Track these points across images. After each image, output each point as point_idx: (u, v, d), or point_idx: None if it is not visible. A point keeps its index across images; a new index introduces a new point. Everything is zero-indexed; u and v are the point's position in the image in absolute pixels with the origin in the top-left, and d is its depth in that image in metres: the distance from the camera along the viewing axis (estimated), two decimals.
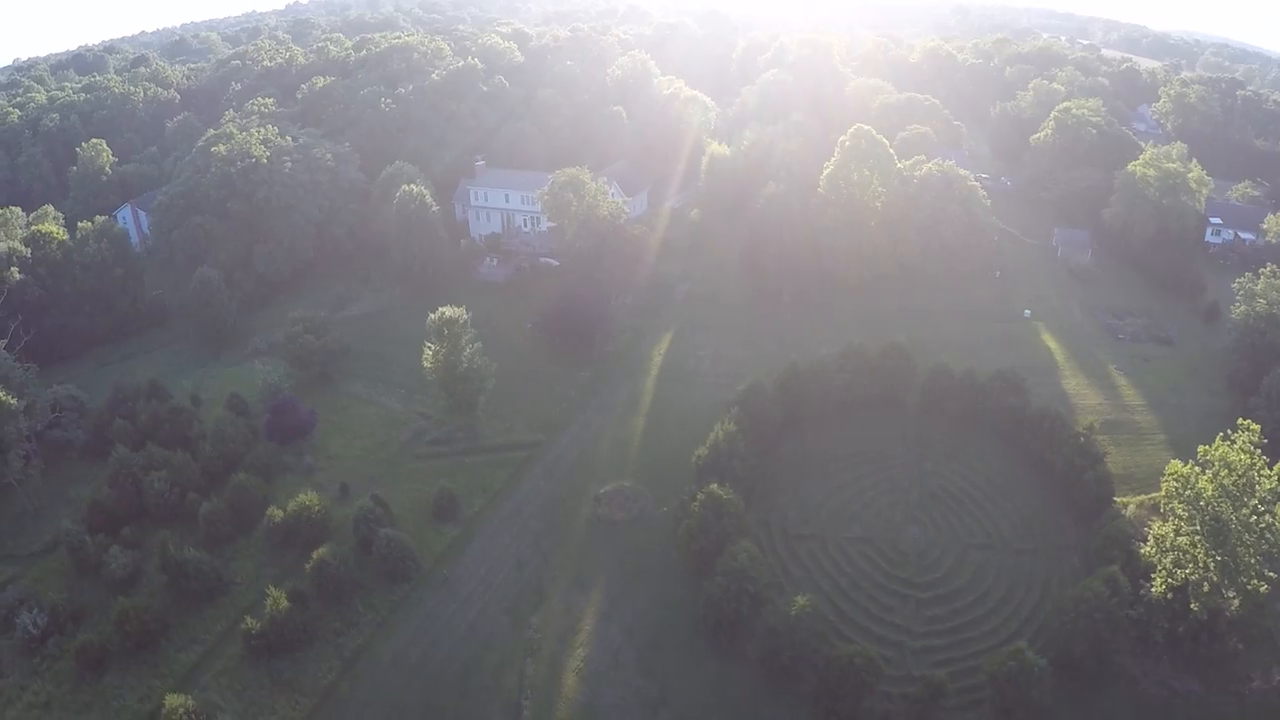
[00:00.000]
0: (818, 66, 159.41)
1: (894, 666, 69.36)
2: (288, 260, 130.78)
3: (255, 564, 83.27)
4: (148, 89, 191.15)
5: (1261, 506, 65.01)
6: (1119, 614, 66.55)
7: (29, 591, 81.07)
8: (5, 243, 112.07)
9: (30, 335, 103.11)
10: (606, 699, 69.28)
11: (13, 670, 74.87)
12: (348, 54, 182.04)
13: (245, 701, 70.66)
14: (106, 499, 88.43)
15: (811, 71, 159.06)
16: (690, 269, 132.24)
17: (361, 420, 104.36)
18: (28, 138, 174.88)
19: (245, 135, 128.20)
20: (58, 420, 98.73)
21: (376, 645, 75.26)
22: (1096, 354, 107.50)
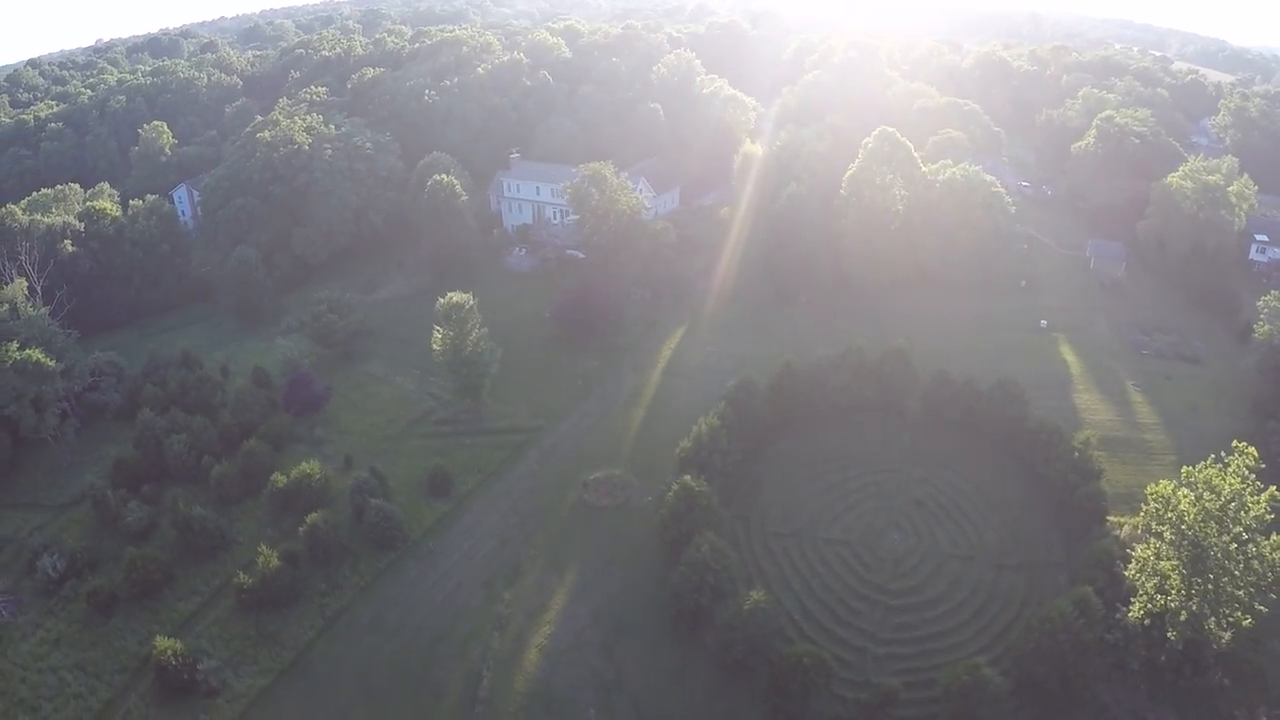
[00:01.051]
0: (863, 69, 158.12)
1: (853, 671, 69.34)
2: (325, 243, 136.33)
3: (257, 525, 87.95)
4: (211, 75, 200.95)
5: (1245, 534, 61.67)
6: (1086, 637, 64.19)
7: (53, 538, 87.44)
8: (61, 217, 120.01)
9: (74, 303, 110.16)
10: (564, 677, 71.25)
11: (31, 608, 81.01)
12: (403, 46, 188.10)
13: (231, 650, 75.02)
14: (130, 458, 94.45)
15: (856, 74, 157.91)
16: (712, 266, 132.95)
17: (375, 398, 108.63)
18: (95, 118, 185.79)
19: (290, 122, 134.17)
20: (96, 384, 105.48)
21: (358, 608, 78.88)
22: (1115, 369, 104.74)
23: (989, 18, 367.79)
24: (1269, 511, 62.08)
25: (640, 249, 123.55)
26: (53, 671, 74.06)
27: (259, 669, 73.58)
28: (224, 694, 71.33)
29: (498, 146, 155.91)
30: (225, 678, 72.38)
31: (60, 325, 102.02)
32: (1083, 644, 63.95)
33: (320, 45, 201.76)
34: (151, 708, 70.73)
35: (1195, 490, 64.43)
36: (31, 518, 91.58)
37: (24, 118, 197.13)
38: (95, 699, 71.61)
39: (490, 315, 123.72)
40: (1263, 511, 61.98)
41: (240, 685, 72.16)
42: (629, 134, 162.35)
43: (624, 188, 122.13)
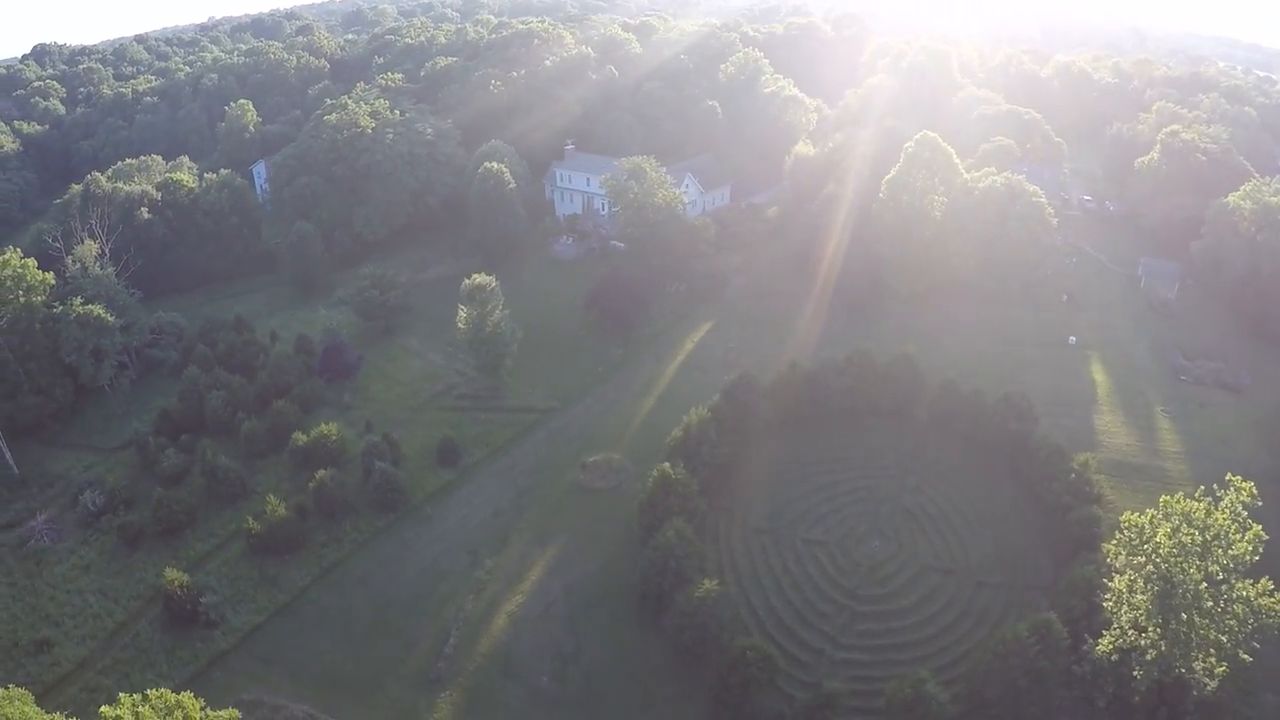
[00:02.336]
0: (931, 74, 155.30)
1: (807, 672, 69.63)
2: (383, 223, 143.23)
3: (277, 478, 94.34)
4: (301, 57, 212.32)
5: (1221, 574, 58.06)
6: (1042, 664, 61.99)
7: (98, 477, 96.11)
8: (140, 186, 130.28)
9: (141, 265, 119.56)
10: (526, 644, 74.36)
11: (70, 537, 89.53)
12: (482, 37, 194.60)
13: (234, 589, 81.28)
14: (174, 410, 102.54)
15: (923, 78, 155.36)
16: (751, 263, 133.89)
17: (405, 370, 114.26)
18: (189, 94, 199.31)
19: (356, 106, 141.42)
20: (156, 341, 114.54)
21: (352, 561, 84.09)
22: (1146, 392, 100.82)
23: (1091, 30, 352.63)
24: (1253, 552, 58.24)
25: (676, 243, 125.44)
26: (79, 594, 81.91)
27: (255, 608, 79.49)
28: (221, 627, 77.42)
29: (558, 137, 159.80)
30: (224, 612, 78.47)
31: (126, 286, 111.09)
32: (1037, 671, 61.81)
33: (405, 33, 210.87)
34: (157, 633, 77.44)
35: (1172, 522, 60.83)
36: (84, 458, 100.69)
37: (123, 91, 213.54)
38: (111, 620, 78.94)
39: (529, 299, 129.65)
40: (1245, 551, 58.12)
41: (237, 621, 78.17)
42: (689, 130, 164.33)
43: (662, 182, 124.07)
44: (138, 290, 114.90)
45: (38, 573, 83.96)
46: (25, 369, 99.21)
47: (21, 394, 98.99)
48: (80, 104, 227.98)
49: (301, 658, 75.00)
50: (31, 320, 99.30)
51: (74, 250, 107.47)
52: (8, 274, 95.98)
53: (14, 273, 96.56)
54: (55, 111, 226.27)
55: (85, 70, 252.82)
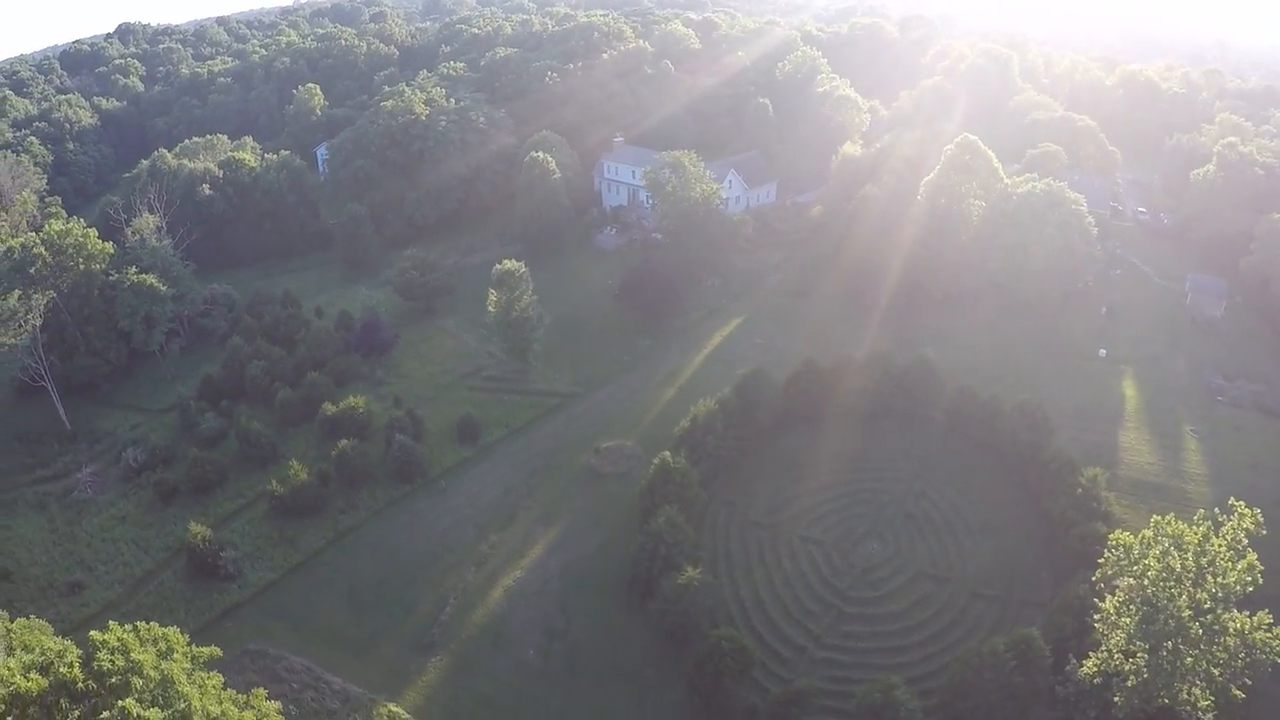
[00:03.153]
0: (989, 77, 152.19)
1: (787, 667, 70.21)
2: (434, 207, 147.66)
3: (305, 445, 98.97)
4: (371, 44, 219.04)
5: (1209, 603, 55.47)
6: (1016, 681, 61.30)
7: (142, 436, 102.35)
8: (204, 164, 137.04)
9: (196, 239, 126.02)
10: (518, 617, 76.78)
11: (111, 490, 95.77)
12: (546, 28, 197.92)
13: (253, 546, 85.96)
14: (217, 376, 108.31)
15: (981, 82, 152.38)
16: (789, 261, 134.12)
17: (439, 349, 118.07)
18: (261, 76, 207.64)
19: (412, 94, 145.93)
20: (208, 311, 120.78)
21: (366, 528, 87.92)
22: (1177, 411, 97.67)
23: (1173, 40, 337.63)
24: (1245, 583, 55.32)
25: (713, 237, 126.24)
26: (113, 542, 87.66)
27: (271, 565, 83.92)
28: (238, 580, 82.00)
29: (612, 130, 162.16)
30: (242, 567, 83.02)
31: (181, 258, 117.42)
32: (1012, 687, 61.09)
33: (473, 23, 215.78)
34: (179, 583, 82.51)
35: (1161, 545, 58.60)
36: (131, 417, 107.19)
37: (199, 71, 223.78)
38: (139, 569, 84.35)
39: (567, 287, 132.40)
40: (1236, 581, 55.28)
41: (253, 576, 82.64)
42: (740, 127, 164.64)
43: (700, 176, 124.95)
44: (192, 262, 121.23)
45: (78, 521, 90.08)
46: (83, 332, 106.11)
47: (78, 355, 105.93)
48: (159, 83, 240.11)
49: (308, 615, 78.88)
50: (91, 286, 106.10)
51: (133, 222, 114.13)
52: (69, 242, 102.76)
53: (75, 241, 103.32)
54: (134, 89, 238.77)
55: (165, 50, 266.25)
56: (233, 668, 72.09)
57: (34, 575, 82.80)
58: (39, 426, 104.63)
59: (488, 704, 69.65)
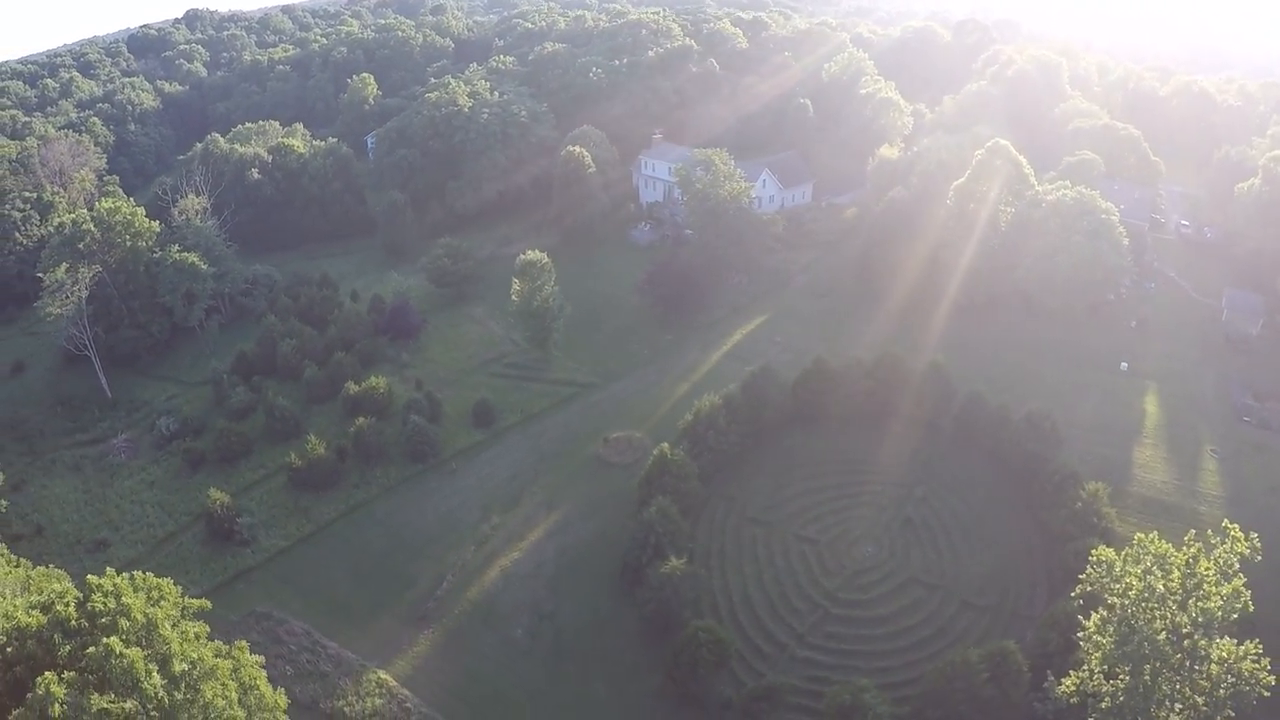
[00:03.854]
0: (1035, 84, 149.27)
1: (767, 663, 70.70)
2: (474, 197, 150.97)
3: (328, 421, 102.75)
4: (427, 36, 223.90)
5: (1189, 628, 53.14)
6: (988, 694, 60.91)
7: (175, 406, 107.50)
8: (254, 149, 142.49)
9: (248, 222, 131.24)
10: (510, 597, 78.93)
11: (143, 455, 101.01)
12: (598, 25, 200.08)
13: (269, 514, 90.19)
14: (251, 353, 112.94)
15: (1027, 88, 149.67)
16: (819, 262, 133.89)
17: (464, 335, 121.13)
18: (319, 65, 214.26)
19: (457, 86, 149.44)
20: (249, 291, 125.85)
21: (377, 503, 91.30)
22: (1199, 429, 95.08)
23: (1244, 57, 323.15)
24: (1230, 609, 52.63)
25: (741, 235, 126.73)
26: (140, 505, 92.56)
27: (284, 533, 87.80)
28: (252, 546, 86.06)
29: (654, 126, 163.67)
30: (257, 534, 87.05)
31: (225, 238, 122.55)
32: (983, 700, 60.71)
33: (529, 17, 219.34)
34: (197, 546, 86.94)
35: (1143, 564, 56.12)
36: (168, 388, 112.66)
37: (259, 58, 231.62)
38: (161, 530, 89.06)
39: (596, 280, 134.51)
40: (1217, 606, 52.60)
41: (266, 542, 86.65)
42: (782, 127, 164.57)
43: (730, 175, 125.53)
44: (235, 243, 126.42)
45: (109, 483, 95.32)
46: (128, 306, 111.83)
47: (122, 328, 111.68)
48: (221, 68, 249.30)
49: (314, 582, 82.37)
50: (137, 262, 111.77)
51: (179, 203, 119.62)
52: (118, 220, 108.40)
53: (124, 219, 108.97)
54: (197, 74, 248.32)
55: (229, 37, 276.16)
56: (239, 627, 76.24)
57: (64, 532, 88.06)
58: (82, 393, 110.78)
59: (472, 678, 71.95)
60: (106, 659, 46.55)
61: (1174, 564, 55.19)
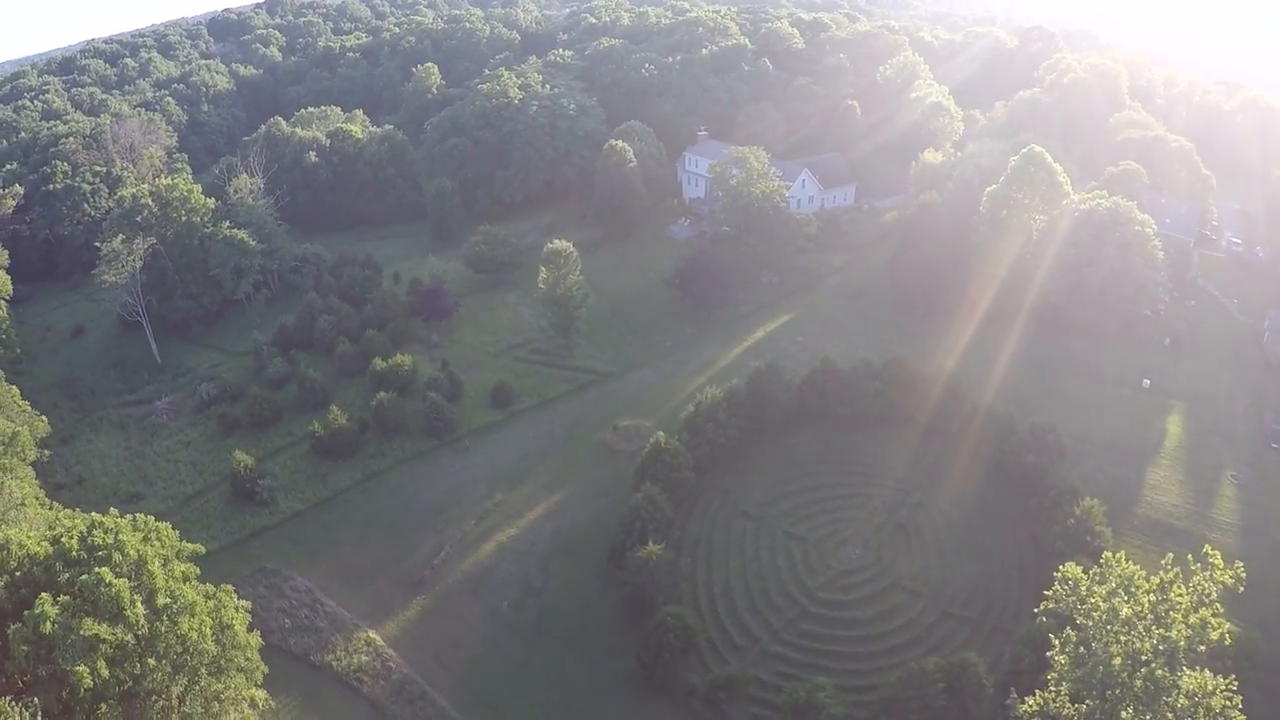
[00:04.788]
0: (1091, 93, 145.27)
1: (738, 655, 71.83)
2: (521, 187, 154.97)
3: (354, 395, 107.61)
4: (494, 28, 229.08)
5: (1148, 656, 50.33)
6: (941, 704, 61.06)
7: (216, 373, 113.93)
8: (314, 133, 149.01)
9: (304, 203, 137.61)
10: (502, 571, 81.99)
11: (182, 418, 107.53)
12: (660, 22, 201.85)
13: (290, 479, 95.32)
14: (291, 327, 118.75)
15: (1082, 97, 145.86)
16: (852, 264, 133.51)
17: (495, 320, 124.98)
18: (387, 53, 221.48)
19: (508, 78, 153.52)
20: (298, 268, 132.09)
21: (389, 473, 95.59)
22: (1222, 453, 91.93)
23: None
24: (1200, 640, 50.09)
25: (774, 234, 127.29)
26: (175, 463, 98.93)
27: (301, 497, 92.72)
28: (271, 507, 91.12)
29: (701, 123, 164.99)
30: (276, 496, 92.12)
31: (277, 218, 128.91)
32: (936, 710, 60.86)
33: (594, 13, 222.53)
34: (220, 504, 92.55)
35: (1108, 585, 53.71)
36: (214, 357, 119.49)
37: (331, 45, 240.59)
38: (191, 488, 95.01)
39: (630, 271, 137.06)
40: (1181, 635, 50.06)
41: (284, 505, 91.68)
42: (831, 128, 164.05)
43: (764, 173, 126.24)
44: (291, 223, 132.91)
45: (150, 442, 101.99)
46: (181, 277, 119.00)
47: (175, 298, 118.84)
48: (295, 54, 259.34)
49: (322, 545, 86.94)
50: (191, 237, 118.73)
51: (233, 182, 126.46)
52: (175, 195, 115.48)
53: (180, 195, 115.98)
54: (272, 58, 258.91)
55: (306, 23, 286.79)
56: (249, 580, 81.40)
57: (103, 484, 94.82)
58: (134, 357, 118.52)
59: (454, 644, 75.25)
60: (97, 586, 50.98)
61: (1142, 588, 52.99)
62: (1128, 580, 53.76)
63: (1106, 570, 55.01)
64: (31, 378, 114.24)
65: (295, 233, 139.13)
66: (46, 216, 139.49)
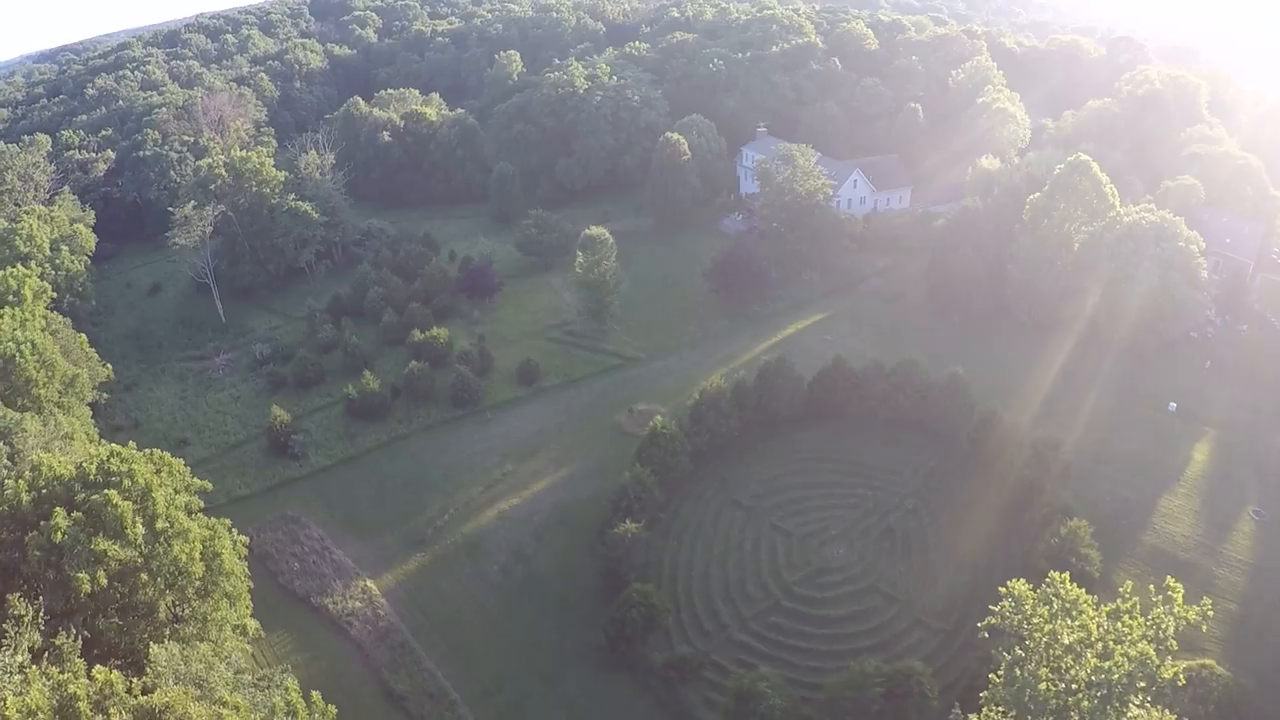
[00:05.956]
0: (1166, 105, 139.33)
1: (705, 639, 73.44)
2: (582, 175, 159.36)
3: (392, 363, 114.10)
4: (580, 19, 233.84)
5: (1076, 686, 48.67)
6: (877, 709, 61.35)
7: (273, 335, 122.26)
8: (388, 113, 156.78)
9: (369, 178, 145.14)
10: (497, 537, 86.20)
11: (237, 374, 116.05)
12: (739, 18, 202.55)
13: (322, 436, 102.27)
14: (344, 296, 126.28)
15: (1155, 109, 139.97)
16: (895, 267, 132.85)
17: (536, 301, 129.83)
18: (475, 39, 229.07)
19: (575, 68, 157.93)
20: (361, 241, 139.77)
21: (413, 438, 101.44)
22: (1248, 487, 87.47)
23: None
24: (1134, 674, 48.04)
25: (817, 233, 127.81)
26: (222, 415, 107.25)
27: (329, 454, 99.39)
28: (301, 461, 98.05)
29: (768, 120, 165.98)
30: (307, 451, 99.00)
31: (343, 192, 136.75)
32: (872, 715, 61.37)
33: (681, 7, 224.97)
34: (257, 455, 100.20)
35: (1051, 607, 52.19)
36: (274, 320, 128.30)
37: (422, 29, 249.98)
38: (233, 438, 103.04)
39: (674, 262, 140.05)
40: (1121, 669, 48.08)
41: (314, 460, 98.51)
42: (894, 130, 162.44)
43: (810, 172, 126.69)
44: (363, 199, 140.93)
45: (204, 394, 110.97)
46: (250, 245, 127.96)
47: (243, 263, 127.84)
48: (390, 36, 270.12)
49: (340, 499, 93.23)
50: (261, 207, 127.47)
51: (302, 157, 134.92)
52: (248, 167, 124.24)
53: (253, 167, 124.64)
54: (367, 39, 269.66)
55: (403, 6, 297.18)
56: (271, 525, 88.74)
57: (157, 428, 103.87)
58: (201, 316, 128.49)
59: (441, 598, 79.93)
60: (104, 506, 57.27)
61: (1088, 614, 51.39)
62: (1072, 604, 52.26)
63: (1050, 589, 53.32)
64: (107, 329, 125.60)
65: (364, 208, 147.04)
66: (135, 181, 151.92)
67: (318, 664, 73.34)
